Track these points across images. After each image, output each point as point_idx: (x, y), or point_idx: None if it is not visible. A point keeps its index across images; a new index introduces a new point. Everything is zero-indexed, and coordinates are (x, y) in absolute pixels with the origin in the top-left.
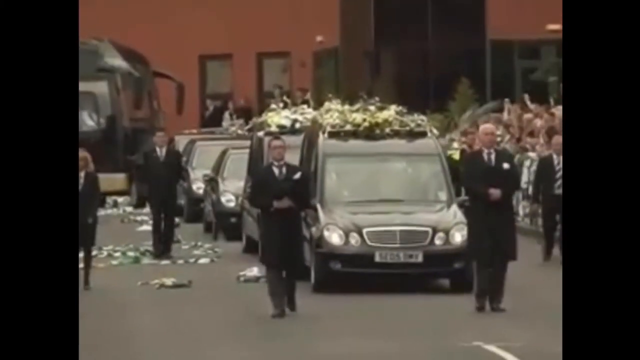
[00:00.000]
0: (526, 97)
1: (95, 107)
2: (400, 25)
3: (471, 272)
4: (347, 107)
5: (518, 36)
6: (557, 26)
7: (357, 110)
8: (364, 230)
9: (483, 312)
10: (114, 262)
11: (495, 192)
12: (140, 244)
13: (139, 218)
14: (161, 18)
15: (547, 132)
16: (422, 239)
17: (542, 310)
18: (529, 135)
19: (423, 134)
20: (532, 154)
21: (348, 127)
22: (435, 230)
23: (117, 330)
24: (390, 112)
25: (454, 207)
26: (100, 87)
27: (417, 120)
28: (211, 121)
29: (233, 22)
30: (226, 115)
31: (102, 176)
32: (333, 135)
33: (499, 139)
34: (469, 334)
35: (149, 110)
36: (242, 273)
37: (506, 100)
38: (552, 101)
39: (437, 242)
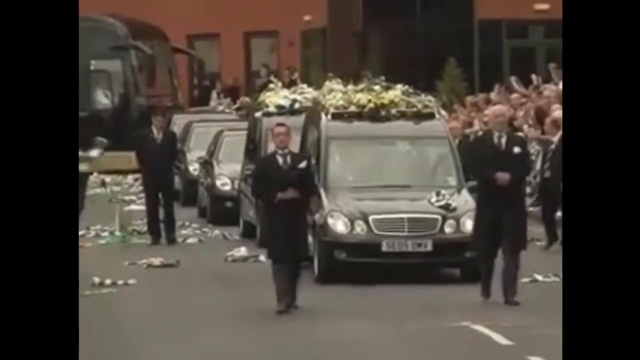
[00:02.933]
0: (513, 79)
1: (109, 85)
2: (388, 5)
3: None
4: (350, 87)
5: (506, 16)
6: (545, 6)
7: (361, 91)
8: (370, 218)
9: (489, 299)
10: (102, 242)
11: (502, 177)
12: (128, 224)
13: (126, 198)
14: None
15: (536, 112)
16: (431, 226)
17: (533, 292)
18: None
19: (431, 116)
20: (519, 134)
21: (352, 109)
22: (445, 218)
23: (104, 314)
24: (397, 92)
25: (465, 192)
26: (115, 65)
27: (425, 101)
28: (199, 100)
29: (220, 1)
30: (213, 94)
31: (116, 154)
32: (336, 116)
33: (486, 118)
34: (458, 315)
35: (170, 87)
36: (229, 253)
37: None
38: (540, 80)
39: (447, 230)
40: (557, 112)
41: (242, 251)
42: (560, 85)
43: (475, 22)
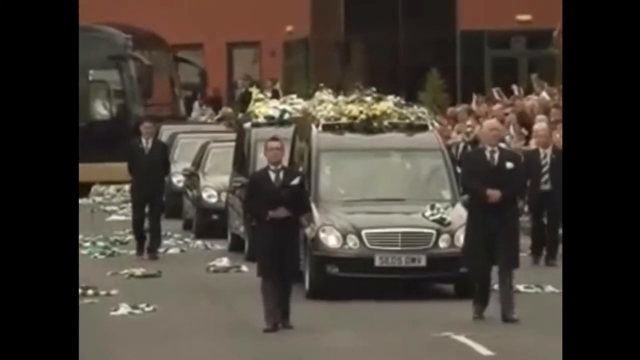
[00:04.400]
0: (495, 91)
1: (107, 95)
2: (371, 15)
3: None
4: (341, 98)
5: (488, 26)
6: (527, 16)
7: (352, 102)
8: (363, 232)
9: (481, 319)
10: (84, 252)
11: (494, 194)
12: (110, 234)
13: (108, 208)
14: (131, 8)
15: (519, 119)
16: (425, 241)
17: (517, 304)
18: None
19: (424, 127)
20: (502, 145)
21: (343, 120)
22: (439, 232)
23: (86, 325)
24: (389, 103)
25: (459, 206)
26: (113, 75)
27: (418, 112)
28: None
29: (203, 11)
30: (195, 105)
31: (115, 165)
32: (327, 128)
33: (469, 129)
34: (440, 325)
35: (171, 97)
36: (211, 263)
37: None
38: (522, 91)
39: (442, 244)
40: (541, 123)
41: (224, 261)
42: (542, 95)
43: (457, 32)
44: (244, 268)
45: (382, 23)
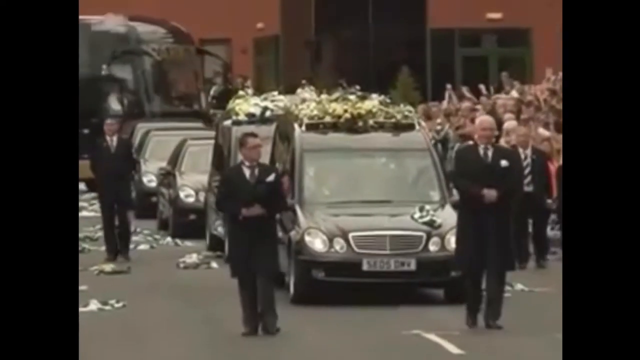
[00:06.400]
0: (464, 89)
1: (121, 91)
2: (341, 13)
3: None
4: (325, 96)
5: (458, 25)
6: (497, 15)
7: (336, 100)
8: (350, 235)
9: (475, 327)
10: None
11: (490, 193)
12: (79, 230)
13: (78, 204)
14: (101, 3)
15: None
16: (414, 244)
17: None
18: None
19: (411, 127)
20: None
21: (327, 119)
22: (429, 235)
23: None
24: (374, 102)
25: (448, 207)
26: (126, 70)
27: (404, 111)
28: None
29: (173, 8)
30: None
31: None
32: (311, 127)
33: (438, 127)
34: (410, 323)
35: (191, 92)
36: (181, 259)
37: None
38: (491, 90)
39: (432, 247)
40: (511, 121)
41: (194, 257)
42: (512, 94)
43: (427, 30)
44: (214, 264)
45: (352, 21)
